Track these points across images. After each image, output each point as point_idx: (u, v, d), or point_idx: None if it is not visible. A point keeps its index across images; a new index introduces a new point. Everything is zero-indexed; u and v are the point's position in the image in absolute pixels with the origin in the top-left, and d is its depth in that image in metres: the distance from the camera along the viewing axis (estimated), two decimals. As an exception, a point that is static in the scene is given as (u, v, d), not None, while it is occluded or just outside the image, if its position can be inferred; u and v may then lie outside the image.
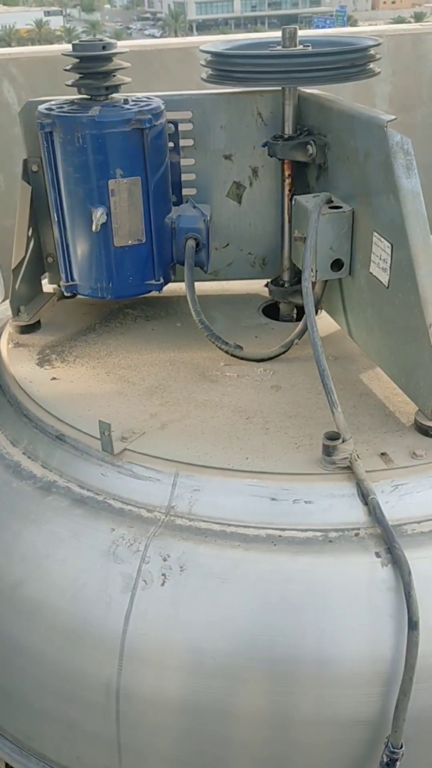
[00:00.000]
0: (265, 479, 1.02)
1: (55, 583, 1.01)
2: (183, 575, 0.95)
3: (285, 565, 0.95)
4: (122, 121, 1.23)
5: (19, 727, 1.10)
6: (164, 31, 55.99)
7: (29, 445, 1.17)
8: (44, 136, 1.25)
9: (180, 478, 1.05)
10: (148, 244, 1.34)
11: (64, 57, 1.30)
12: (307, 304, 1.13)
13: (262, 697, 0.94)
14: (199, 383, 1.27)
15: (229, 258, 1.56)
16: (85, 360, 1.36)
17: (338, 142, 1.26)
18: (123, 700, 0.95)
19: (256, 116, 1.42)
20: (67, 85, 1.30)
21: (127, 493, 1.06)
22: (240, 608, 0.93)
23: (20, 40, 52.33)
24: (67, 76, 1.32)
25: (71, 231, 1.32)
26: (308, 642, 0.92)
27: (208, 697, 0.94)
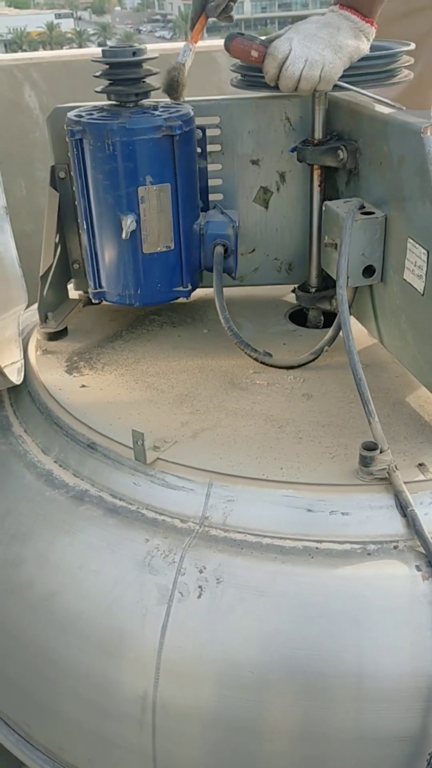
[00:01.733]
0: (301, 490, 1.01)
1: (90, 594, 1.00)
2: (220, 587, 0.94)
3: (323, 579, 0.93)
4: (152, 128, 1.22)
5: (52, 738, 1.09)
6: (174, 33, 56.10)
7: (60, 453, 1.17)
8: (74, 144, 1.25)
9: (214, 488, 1.04)
10: (177, 250, 1.33)
11: (85, 61, 1.31)
12: (342, 312, 1.12)
13: (299, 712, 0.92)
14: (229, 391, 1.26)
15: (255, 263, 1.55)
16: (114, 367, 1.35)
17: (370, 147, 1.24)
18: (159, 713, 0.94)
19: (284, 121, 1.41)
20: (96, 92, 1.30)
21: (160, 503, 1.05)
22: (278, 622, 0.92)
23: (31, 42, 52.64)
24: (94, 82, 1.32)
25: (100, 238, 1.32)
26: (347, 656, 0.90)
27: (245, 711, 0.93)
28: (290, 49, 1.18)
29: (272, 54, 1.19)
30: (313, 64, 1.17)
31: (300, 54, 1.17)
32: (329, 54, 1.17)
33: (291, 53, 1.17)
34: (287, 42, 1.18)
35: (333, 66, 1.18)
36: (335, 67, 1.18)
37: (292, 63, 1.18)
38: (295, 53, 1.17)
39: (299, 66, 1.18)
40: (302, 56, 1.17)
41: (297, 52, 1.17)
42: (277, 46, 1.19)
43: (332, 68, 1.18)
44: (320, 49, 1.17)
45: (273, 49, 1.19)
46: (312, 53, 1.17)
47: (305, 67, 1.18)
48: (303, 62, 1.17)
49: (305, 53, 1.17)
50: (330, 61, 1.17)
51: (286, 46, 1.18)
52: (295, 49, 1.17)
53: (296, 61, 1.18)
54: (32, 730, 1.12)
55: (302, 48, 1.17)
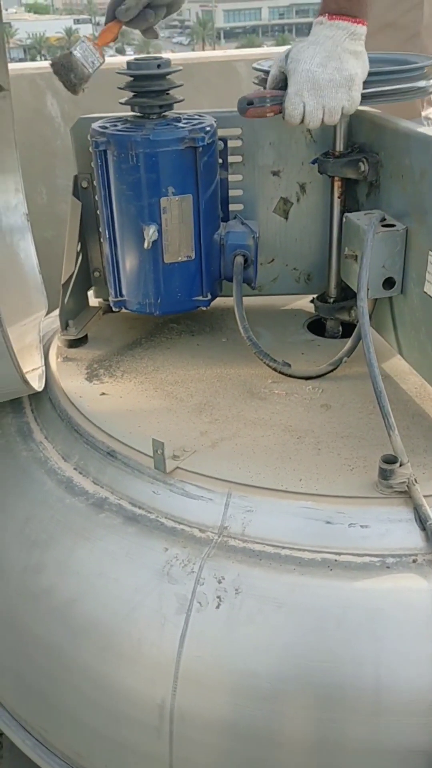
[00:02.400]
0: (320, 502, 1.02)
1: (109, 602, 1.01)
2: (238, 598, 0.95)
3: (342, 591, 0.94)
4: (176, 139, 1.23)
5: (69, 743, 1.10)
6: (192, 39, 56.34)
7: (80, 460, 1.18)
8: (98, 154, 1.26)
9: (233, 498, 1.04)
10: (197, 260, 1.34)
11: (108, 71, 1.31)
12: (363, 325, 1.12)
13: (316, 724, 0.93)
14: (248, 401, 1.27)
15: (274, 273, 1.55)
16: (133, 375, 1.36)
17: (392, 160, 1.25)
18: (177, 722, 0.95)
19: (305, 133, 1.42)
20: (121, 104, 1.32)
21: (179, 512, 1.06)
22: (296, 633, 0.92)
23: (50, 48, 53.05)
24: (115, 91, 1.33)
25: (122, 247, 1.33)
26: (365, 669, 0.90)
27: (262, 721, 0.93)
28: (303, 105, 1.14)
29: (289, 119, 1.17)
30: (332, 111, 1.15)
31: (315, 106, 1.14)
32: (344, 94, 1.14)
33: (306, 110, 1.15)
34: (299, 99, 1.14)
35: (351, 102, 1.15)
36: (353, 101, 1.16)
37: (311, 119, 1.16)
38: (310, 108, 1.14)
39: (319, 116, 1.15)
40: (318, 107, 1.14)
41: (311, 105, 1.14)
42: (290, 110, 1.15)
43: (351, 104, 1.16)
44: (334, 93, 1.14)
45: (288, 116, 1.16)
46: (327, 101, 1.14)
47: (325, 115, 1.16)
48: (321, 112, 1.15)
49: (320, 103, 1.14)
50: (347, 99, 1.15)
51: (299, 106, 1.15)
52: (309, 103, 1.14)
53: (315, 116, 1.15)
54: (49, 735, 1.13)
55: (315, 99, 1.14)
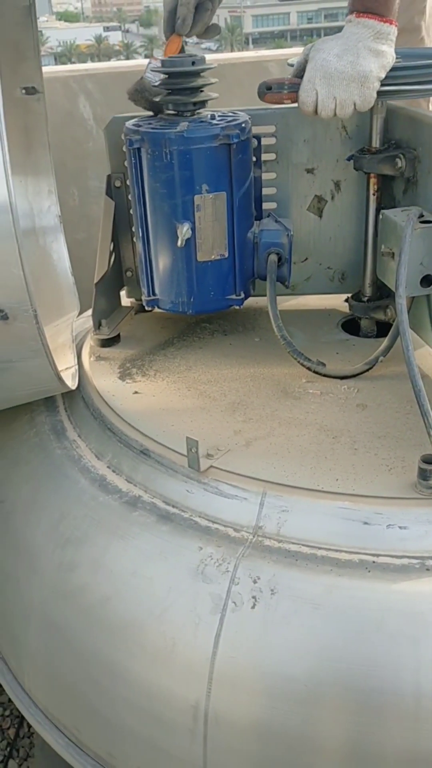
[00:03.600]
0: (357, 502, 1.00)
1: (143, 601, 1.00)
2: (274, 599, 0.93)
3: (380, 593, 0.92)
4: (210, 136, 1.23)
5: (102, 743, 1.09)
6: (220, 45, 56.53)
7: (114, 459, 1.18)
8: (132, 152, 1.26)
9: (267, 498, 1.03)
10: (231, 258, 1.33)
11: (140, 72, 1.31)
12: (402, 322, 1.10)
13: (353, 729, 0.91)
14: (282, 400, 1.26)
15: (307, 272, 1.54)
16: (166, 374, 1.36)
17: (429, 155, 1.23)
18: (211, 724, 0.94)
19: (340, 129, 1.41)
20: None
21: (213, 511, 1.05)
22: (333, 636, 0.91)
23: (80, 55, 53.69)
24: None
25: (155, 246, 1.33)
26: (404, 675, 0.88)
27: (297, 725, 0.91)
28: (316, 93, 1.15)
29: (302, 106, 1.17)
30: (343, 103, 1.15)
31: (327, 96, 1.14)
32: (356, 89, 1.14)
33: (318, 98, 1.15)
34: (311, 87, 1.15)
35: (363, 99, 1.15)
36: (366, 98, 1.15)
37: (323, 108, 1.16)
38: (322, 98, 1.14)
39: (331, 107, 1.15)
40: (330, 97, 1.14)
41: (323, 94, 1.14)
42: (303, 97, 1.16)
43: (363, 101, 1.15)
44: (345, 86, 1.13)
45: (301, 103, 1.17)
46: (338, 92, 1.14)
47: (337, 107, 1.15)
48: (333, 102, 1.15)
49: (331, 93, 1.14)
50: (359, 95, 1.14)
51: (311, 93, 1.15)
52: (321, 92, 1.14)
53: (326, 105, 1.15)
54: (82, 735, 1.12)
55: (327, 88, 1.14)
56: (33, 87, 1.65)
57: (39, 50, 1.64)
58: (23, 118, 1.69)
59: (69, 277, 1.73)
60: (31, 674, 1.19)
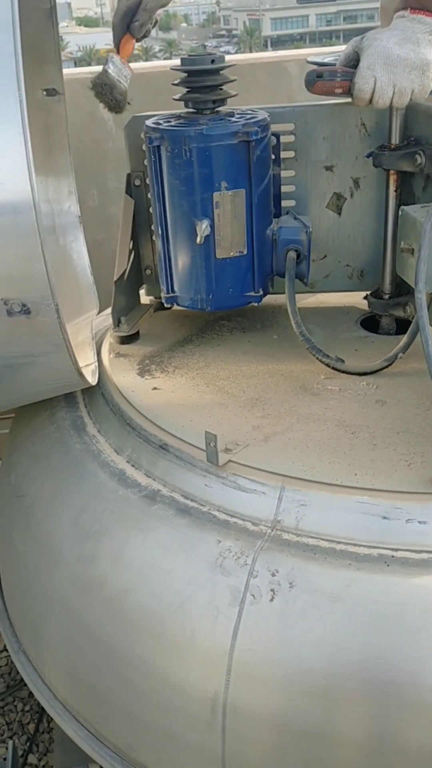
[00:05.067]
0: (376, 497, 1.00)
1: (162, 593, 1.01)
2: (292, 592, 0.93)
3: (400, 588, 0.91)
4: (229, 134, 1.23)
5: (121, 736, 1.10)
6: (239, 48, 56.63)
7: (133, 453, 1.19)
8: (152, 150, 1.27)
9: (286, 492, 1.03)
10: (249, 255, 1.34)
11: (159, 73, 1.33)
12: (422, 317, 1.10)
13: (372, 722, 0.91)
14: (301, 396, 1.26)
15: (326, 270, 1.54)
16: (185, 371, 1.36)
17: (449, 152, 1.22)
18: (230, 716, 0.94)
19: (359, 127, 1.40)
20: (174, 99, 1.32)
21: (232, 505, 1.05)
22: (352, 629, 0.91)
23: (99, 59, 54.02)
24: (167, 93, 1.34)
25: (174, 243, 1.34)
26: (424, 668, 0.88)
27: (316, 718, 0.91)
28: (375, 80, 1.13)
29: (358, 94, 1.16)
30: (402, 91, 1.13)
31: (387, 83, 1.13)
32: (417, 77, 1.13)
33: (377, 85, 1.13)
34: (370, 73, 1.14)
35: (423, 88, 1.14)
36: (425, 87, 1.14)
37: (381, 96, 1.14)
38: (381, 84, 1.13)
39: (389, 94, 1.14)
40: (389, 84, 1.13)
41: (383, 81, 1.13)
42: (360, 84, 1.15)
43: (422, 90, 1.14)
44: (406, 73, 1.13)
45: (358, 90, 1.16)
46: (399, 79, 1.13)
47: (395, 95, 1.14)
48: (392, 90, 1.14)
49: (391, 80, 1.13)
50: (419, 83, 1.13)
51: (370, 80, 1.14)
52: (381, 78, 1.13)
53: (385, 93, 1.14)
54: (101, 727, 1.13)
55: (387, 75, 1.13)
56: (54, 89, 1.67)
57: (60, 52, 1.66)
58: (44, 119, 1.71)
59: (89, 276, 1.74)
60: (51, 666, 1.20)
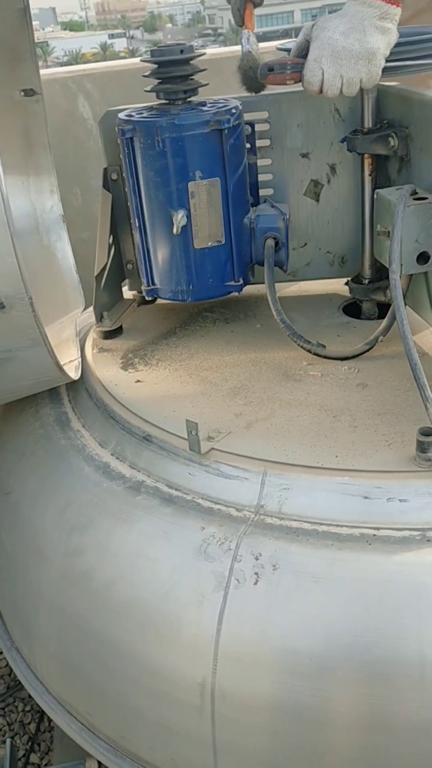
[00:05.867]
0: (357, 477, 1.00)
1: (148, 582, 1.01)
2: (276, 574, 0.94)
3: (382, 565, 0.92)
4: (201, 122, 1.24)
5: (113, 726, 1.10)
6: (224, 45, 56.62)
7: (117, 446, 1.19)
8: (125, 143, 1.28)
9: (268, 477, 1.04)
10: (228, 245, 1.34)
11: (137, 70, 1.33)
12: (396, 297, 1.10)
13: (359, 701, 0.91)
14: (283, 383, 1.26)
15: (307, 258, 1.54)
16: (168, 363, 1.37)
17: (421, 133, 1.23)
18: (218, 701, 0.94)
19: (333, 112, 1.41)
20: (146, 91, 1.33)
21: (215, 492, 1.05)
22: (336, 608, 0.91)
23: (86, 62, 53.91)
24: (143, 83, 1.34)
25: (152, 235, 1.34)
26: (409, 644, 0.88)
27: (304, 698, 0.91)
28: (322, 72, 1.14)
29: (307, 86, 1.17)
30: (350, 82, 1.14)
31: (334, 74, 1.13)
32: (363, 66, 1.13)
33: (325, 77, 1.14)
34: (317, 66, 1.14)
35: (370, 76, 1.14)
36: (372, 76, 1.14)
37: (330, 87, 1.15)
38: (328, 76, 1.14)
39: (337, 85, 1.15)
40: (336, 76, 1.14)
41: (330, 73, 1.13)
42: (308, 77, 1.15)
43: (370, 78, 1.14)
44: (353, 63, 1.13)
45: (306, 83, 1.16)
46: (345, 71, 1.13)
47: (343, 85, 1.15)
48: (340, 82, 1.14)
49: (338, 72, 1.13)
50: (366, 72, 1.14)
51: (317, 72, 1.14)
52: (328, 71, 1.13)
53: (333, 84, 1.14)
54: (94, 719, 1.14)
55: (334, 67, 1.13)
56: (31, 89, 1.67)
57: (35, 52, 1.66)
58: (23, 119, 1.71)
59: (74, 275, 1.75)
60: (42, 661, 1.21)
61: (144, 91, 1.33)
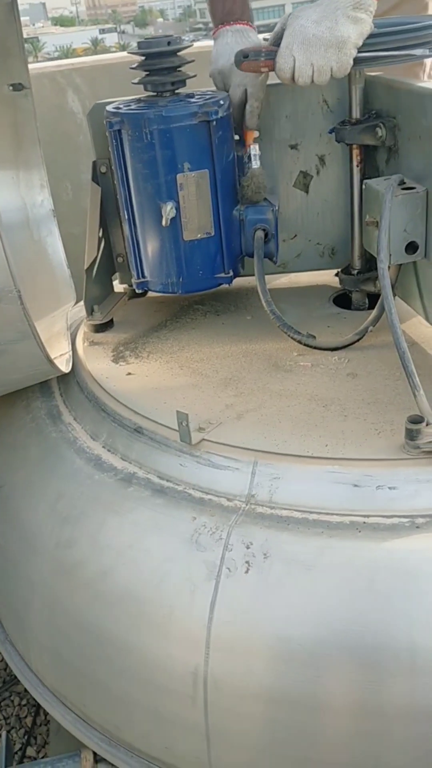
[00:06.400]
0: (347, 465, 1.00)
1: (140, 572, 1.01)
2: (267, 562, 0.94)
3: (371, 552, 0.92)
4: (189, 114, 1.24)
5: (108, 717, 1.11)
6: (216, 40, 56.27)
7: (108, 438, 1.19)
8: (113, 135, 1.28)
9: (259, 467, 1.04)
10: (217, 237, 1.34)
11: (126, 64, 1.32)
12: (384, 287, 1.11)
13: (351, 686, 0.91)
14: (273, 373, 1.26)
15: (297, 249, 1.54)
16: (159, 355, 1.37)
17: (409, 122, 1.23)
18: (210, 689, 0.95)
19: (321, 103, 1.41)
20: (133, 84, 1.32)
21: (206, 482, 1.06)
22: (327, 595, 0.91)
23: (77, 58, 53.58)
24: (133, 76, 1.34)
25: (141, 228, 1.34)
26: (399, 630, 0.89)
27: (296, 685, 0.92)
28: (294, 60, 1.14)
29: (279, 73, 1.18)
30: (321, 70, 1.14)
31: (304, 62, 1.14)
32: (333, 54, 1.13)
33: (296, 65, 1.14)
34: (288, 53, 1.14)
35: (341, 64, 1.14)
36: (342, 64, 1.15)
37: (300, 75, 1.15)
38: (299, 63, 1.14)
39: (308, 73, 1.15)
40: (307, 63, 1.14)
41: (301, 61, 1.14)
42: (280, 63, 1.16)
43: (340, 67, 1.15)
44: (323, 52, 1.13)
45: (278, 70, 1.17)
46: (316, 58, 1.13)
47: (314, 73, 1.15)
48: (311, 69, 1.15)
49: (309, 59, 1.14)
50: (336, 61, 1.14)
51: (289, 59, 1.15)
52: (299, 58, 1.14)
53: (304, 71, 1.15)
54: (88, 710, 1.14)
55: (305, 55, 1.13)
56: (20, 83, 1.66)
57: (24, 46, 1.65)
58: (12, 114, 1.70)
59: (65, 269, 1.74)
60: (36, 653, 1.21)
61: (131, 84, 1.33)
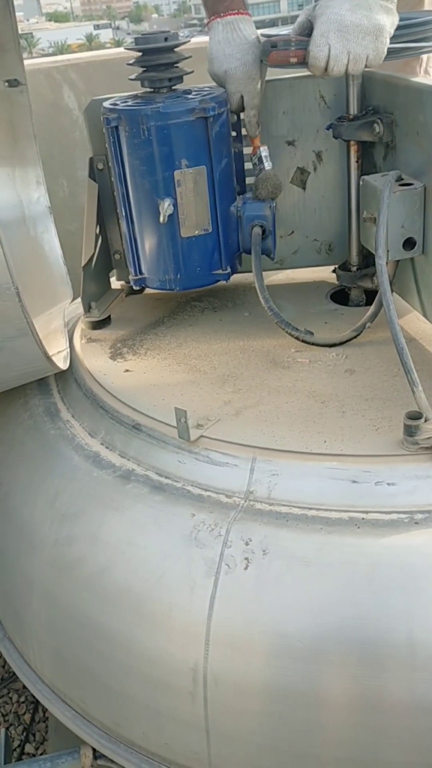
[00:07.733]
0: (345, 462, 1.01)
1: (139, 569, 1.01)
2: (266, 559, 0.94)
3: (370, 548, 0.93)
4: (186, 110, 1.23)
5: (108, 714, 1.11)
6: (212, 36, 56.06)
7: (107, 435, 1.19)
8: (110, 131, 1.27)
9: (258, 463, 1.04)
10: (215, 233, 1.34)
11: (122, 59, 1.32)
12: (382, 283, 1.11)
13: (350, 682, 0.92)
14: (271, 370, 1.26)
15: (294, 246, 1.54)
16: (156, 352, 1.37)
17: (406, 118, 1.23)
18: (210, 685, 0.95)
19: (318, 100, 1.41)
20: (130, 80, 1.32)
21: (205, 479, 1.06)
22: (326, 591, 0.92)
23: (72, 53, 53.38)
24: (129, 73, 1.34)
25: (139, 224, 1.34)
26: (398, 625, 0.89)
27: (295, 681, 0.92)
28: (329, 48, 1.12)
29: (313, 62, 1.14)
30: (357, 58, 1.12)
31: (341, 50, 1.12)
32: (370, 42, 1.12)
33: (332, 53, 1.12)
34: (324, 41, 1.12)
35: (377, 53, 1.13)
36: (379, 53, 1.13)
37: (336, 63, 1.13)
38: (335, 51, 1.12)
39: (344, 61, 1.13)
40: (344, 52, 1.12)
41: (337, 48, 1.11)
42: (315, 52, 1.13)
43: (377, 55, 1.13)
44: (360, 39, 1.11)
45: (312, 59, 1.14)
46: (353, 46, 1.11)
47: (350, 62, 1.13)
48: (346, 58, 1.12)
49: (346, 47, 1.11)
50: (373, 49, 1.12)
51: (324, 48, 1.12)
52: (335, 46, 1.11)
53: (339, 60, 1.13)
54: (87, 706, 1.14)
55: (341, 43, 1.11)
56: (15, 79, 1.66)
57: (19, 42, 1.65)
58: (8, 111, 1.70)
59: (61, 266, 1.74)
60: (35, 650, 1.21)
61: (128, 80, 1.33)
